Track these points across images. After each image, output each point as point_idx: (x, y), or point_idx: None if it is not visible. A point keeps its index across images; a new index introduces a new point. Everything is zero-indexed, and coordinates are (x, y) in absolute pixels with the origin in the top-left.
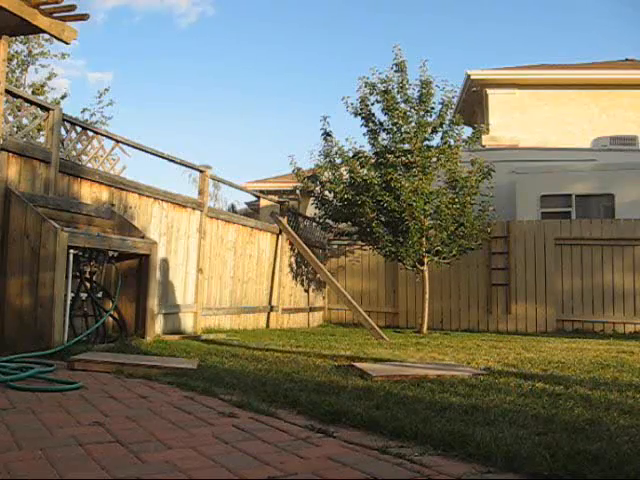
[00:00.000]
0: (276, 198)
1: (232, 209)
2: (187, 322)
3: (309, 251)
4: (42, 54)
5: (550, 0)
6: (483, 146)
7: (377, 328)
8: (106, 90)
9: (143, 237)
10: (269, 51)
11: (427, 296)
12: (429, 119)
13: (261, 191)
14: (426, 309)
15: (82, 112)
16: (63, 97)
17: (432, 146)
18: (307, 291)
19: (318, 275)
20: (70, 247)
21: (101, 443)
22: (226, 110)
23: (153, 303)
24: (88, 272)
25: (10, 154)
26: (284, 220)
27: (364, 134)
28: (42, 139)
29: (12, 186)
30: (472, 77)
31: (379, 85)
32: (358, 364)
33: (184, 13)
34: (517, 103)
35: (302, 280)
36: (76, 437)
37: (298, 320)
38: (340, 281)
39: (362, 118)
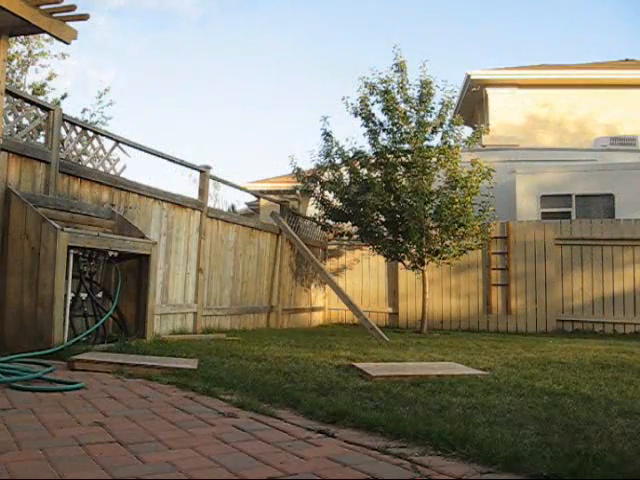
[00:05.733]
0: (276, 198)
1: (232, 209)
2: (187, 322)
3: (309, 251)
4: (42, 54)
5: (550, 0)
6: (483, 146)
7: (377, 328)
8: (106, 90)
9: (143, 237)
10: (269, 51)
11: (427, 296)
12: (429, 119)
13: (261, 191)
14: (426, 309)
15: (82, 112)
16: (63, 97)
17: (432, 146)
18: (307, 291)
19: (318, 275)
20: (70, 247)
21: (101, 443)
22: (226, 110)
23: (153, 303)
24: (88, 272)
25: (10, 154)
26: (284, 220)
27: (364, 134)
28: (42, 139)
29: (12, 186)
30: (472, 77)
31: (379, 85)
32: (358, 364)
33: (186, 12)
34: (517, 103)
35: (302, 280)
36: (76, 437)
37: (298, 320)
38: (340, 281)
39: (362, 118)
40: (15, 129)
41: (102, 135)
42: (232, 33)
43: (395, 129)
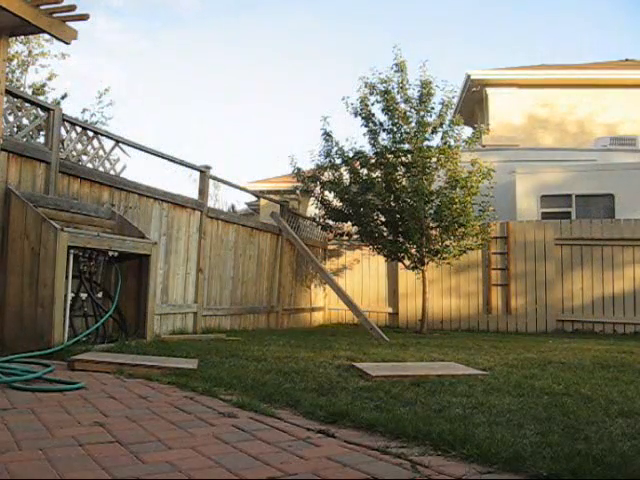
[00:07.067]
0: (276, 198)
1: (232, 209)
2: (187, 322)
3: (309, 251)
4: (42, 54)
5: (550, 0)
6: (483, 146)
7: (377, 328)
8: (106, 90)
9: (143, 237)
10: (270, 51)
11: (427, 296)
12: (429, 119)
13: (261, 191)
14: (426, 309)
15: (82, 112)
16: (63, 97)
17: (432, 146)
18: (307, 291)
19: (318, 275)
20: (70, 247)
21: (101, 443)
22: (227, 110)
23: (153, 303)
24: (88, 272)
25: (10, 154)
26: (284, 220)
27: (364, 134)
28: (42, 139)
29: (12, 186)
30: (472, 77)
31: (379, 85)
32: (358, 364)
33: (186, 12)
34: (517, 103)
35: (302, 280)
36: (76, 437)
37: (298, 320)
38: (340, 281)
39: (362, 118)
40: (15, 129)
41: (102, 135)
42: (232, 33)
43: (395, 129)
